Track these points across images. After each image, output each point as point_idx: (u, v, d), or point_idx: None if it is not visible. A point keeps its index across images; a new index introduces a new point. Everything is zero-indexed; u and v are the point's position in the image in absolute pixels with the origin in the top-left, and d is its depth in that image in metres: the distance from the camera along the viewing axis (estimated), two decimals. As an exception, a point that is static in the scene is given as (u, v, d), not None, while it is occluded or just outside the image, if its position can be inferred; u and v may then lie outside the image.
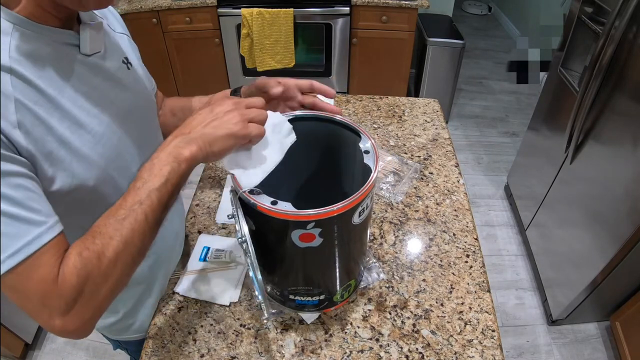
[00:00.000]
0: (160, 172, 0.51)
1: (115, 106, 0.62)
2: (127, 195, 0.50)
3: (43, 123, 0.50)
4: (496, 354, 0.72)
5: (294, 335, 0.75)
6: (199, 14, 2.38)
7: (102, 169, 0.58)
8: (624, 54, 1.31)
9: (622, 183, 1.34)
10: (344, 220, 0.58)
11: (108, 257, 0.47)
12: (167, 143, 0.53)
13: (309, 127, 0.70)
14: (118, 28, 0.71)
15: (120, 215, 0.49)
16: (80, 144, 0.55)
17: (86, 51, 0.57)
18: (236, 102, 0.57)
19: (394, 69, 2.60)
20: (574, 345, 1.72)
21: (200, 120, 0.55)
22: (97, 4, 0.52)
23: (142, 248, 0.51)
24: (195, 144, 0.52)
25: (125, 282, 0.52)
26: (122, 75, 0.65)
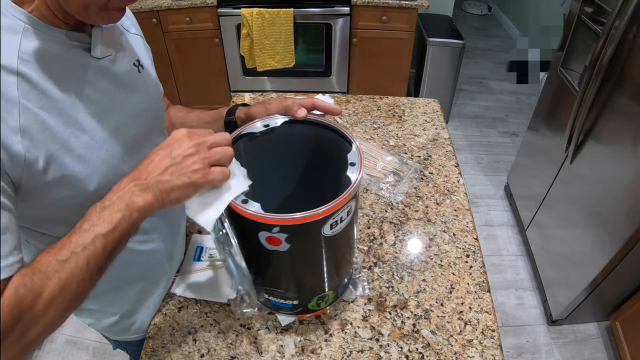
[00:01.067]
0: (109, 217, 0.48)
1: (123, 110, 0.61)
2: (72, 235, 0.48)
3: (48, 128, 0.49)
4: (496, 354, 0.72)
5: (294, 335, 0.75)
6: (199, 14, 2.38)
7: (103, 175, 0.58)
8: (624, 54, 1.31)
9: (622, 183, 1.34)
10: (312, 231, 0.57)
11: (43, 299, 0.44)
12: (122, 187, 0.50)
13: (304, 131, 0.69)
14: (132, 29, 0.69)
15: (62, 256, 0.46)
16: (83, 149, 0.54)
17: (97, 55, 0.56)
18: (198, 144, 0.52)
19: (394, 69, 2.60)
20: (574, 345, 1.72)
21: (157, 164, 0.51)
22: (106, 20, 0.52)
23: (80, 294, 0.48)
24: (151, 193, 0.50)
25: (57, 325, 0.48)
26: (132, 79, 0.64)
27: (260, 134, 0.67)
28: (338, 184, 0.66)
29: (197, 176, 0.51)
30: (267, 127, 0.67)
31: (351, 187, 0.56)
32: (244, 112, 0.76)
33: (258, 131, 0.66)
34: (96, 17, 0.50)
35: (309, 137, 0.70)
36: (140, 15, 2.33)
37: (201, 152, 0.52)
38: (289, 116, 0.68)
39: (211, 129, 0.82)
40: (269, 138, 0.68)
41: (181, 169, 0.51)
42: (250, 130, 0.66)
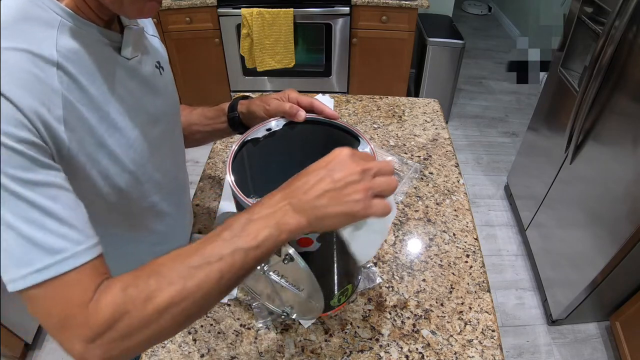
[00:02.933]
0: (255, 233, 0.43)
1: (147, 112, 0.62)
2: (208, 243, 0.43)
3: (85, 123, 0.49)
4: (496, 354, 0.72)
5: (294, 335, 0.75)
6: (199, 14, 2.39)
7: (132, 173, 0.58)
8: (624, 54, 1.32)
9: (622, 183, 1.34)
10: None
11: (157, 304, 0.41)
12: (274, 203, 0.45)
13: (307, 131, 0.70)
14: (150, 30, 0.70)
15: (192, 262, 0.42)
16: (115, 147, 0.54)
17: (127, 55, 0.57)
18: (363, 170, 0.45)
19: (394, 69, 2.60)
20: (574, 345, 1.72)
21: (314, 185, 0.45)
22: (140, 12, 0.51)
23: (203, 308, 0.44)
24: (305, 216, 0.44)
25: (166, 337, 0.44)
26: (155, 81, 0.64)
27: (263, 138, 0.67)
28: None
29: (357, 207, 0.44)
30: (269, 130, 0.67)
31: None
32: (246, 107, 0.76)
33: (262, 135, 0.66)
34: (130, 9, 0.50)
35: (314, 136, 0.70)
36: (140, 15, 2.33)
37: (365, 181, 0.45)
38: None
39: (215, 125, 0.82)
40: (272, 141, 0.68)
41: (341, 196, 0.44)
42: (254, 135, 0.66)
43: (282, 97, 0.69)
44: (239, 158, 0.63)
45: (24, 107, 0.41)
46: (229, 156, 0.61)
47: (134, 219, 0.66)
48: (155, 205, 0.69)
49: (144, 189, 0.63)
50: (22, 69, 0.43)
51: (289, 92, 0.69)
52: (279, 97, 0.69)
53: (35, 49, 0.44)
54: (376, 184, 0.46)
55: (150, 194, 0.66)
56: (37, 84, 0.44)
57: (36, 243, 0.40)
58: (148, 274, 0.42)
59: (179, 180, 0.78)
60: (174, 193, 0.75)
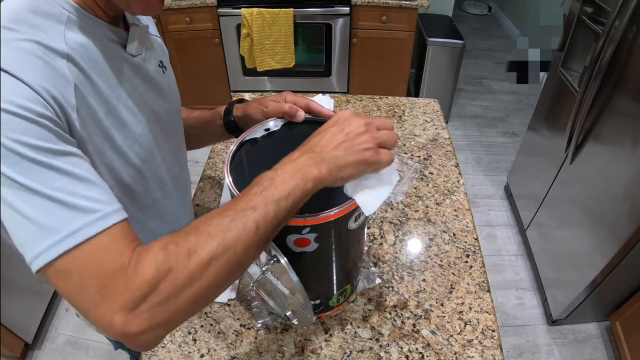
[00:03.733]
0: (283, 184, 0.45)
1: (151, 109, 0.62)
2: (239, 200, 0.45)
3: (94, 115, 0.50)
4: (496, 354, 0.72)
5: (294, 335, 0.75)
6: (199, 14, 2.38)
7: (136, 168, 0.59)
8: (624, 54, 1.31)
9: (622, 183, 1.34)
10: (340, 226, 0.57)
11: (200, 257, 0.40)
12: (293, 159, 0.49)
13: (306, 131, 0.69)
14: (152, 30, 0.70)
15: (227, 216, 0.43)
16: (121, 141, 0.55)
17: (132, 51, 0.57)
18: (367, 123, 0.51)
19: (394, 69, 2.60)
20: (574, 345, 1.72)
21: (329, 140, 0.50)
22: (145, 9, 0.52)
23: (243, 262, 0.44)
24: (325, 166, 0.48)
25: (212, 297, 0.44)
26: (159, 79, 0.65)
27: (262, 139, 0.67)
28: None
29: (369, 154, 0.50)
30: (267, 130, 0.67)
31: None
32: (242, 111, 0.76)
33: (260, 136, 0.66)
34: (136, 5, 0.51)
35: (309, 136, 0.70)
36: (140, 15, 2.33)
37: (371, 131, 0.51)
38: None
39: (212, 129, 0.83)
40: (271, 141, 0.68)
41: (354, 146, 0.49)
42: (252, 136, 0.66)
43: (279, 98, 0.70)
44: (237, 158, 0.63)
45: (40, 89, 0.42)
46: (227, 157, 0.61)
47: (137, 216, 0.66)
48: (157, 202, 0.69)
49: (148, 185, 0.64)
50: (35, 56, 0.43)
51: (285, 94, 0.70)
52: (276, 99, 0.70)
53: (45, 41, 0.45)
54: (380, 134, 0.52)
55: (153, 189, 0.66)
56: (50, 71, 0.44)
57: (67, 205, 0.39)
58: (186, 232, 0.42)
59: (181, 179, 0.78)
60: (176, 191, 0.75)
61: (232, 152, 0.62)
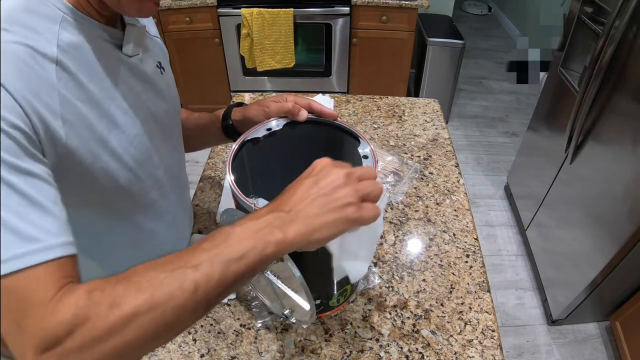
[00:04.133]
0: (238, 244, 0.40)
1: (148, 110, 0.62)
2: (185, 253, 0.40)
3: (84, 119, 0.50)
4: (496, 354, 0.72)
5: (294, 335, 0.75)
6: (199, 14, 2.38)
7: (132, 170, 0.59)
8: (624, 54, 1.31)
9: (622, 183, 1.34)
10: None
11: (122, 311, 0.36)
12: (259, 215, 0.43)
13: (307, 131, 0.70)
14: (152, 30, 0.70)
15: (164, 271, 0.38)
16: (115, 143, 0.55)
17: (128, 52, 0.57)
18: (347, 174, 0.45)
19: (394, 69, 2.60)
20: (574, 345, 1.72)
21: (302, 194, 0.43)
22: (138, 11, 0.52)
23: (174, 324, 0.39)
24: (294, 228, 0.41)
25: (137, 355, 0.39)
26: (156, 80, 0.65)
27: (263, 138, 0.67)
28: None
29: (350, 210, 0.42)
30: (269, 130, 0.67)
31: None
32: (241, 114, 0.76)
33: (262, 135, 0.66)
34: (129, 6, 0.50)
35: (313, 136, 0.70)
36: (140, 15, 2.33)
37: (352, 183, 0.44)
38: (289, 117, 0.68)
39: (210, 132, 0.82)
40: (272, 141, 0.68)
41: (332, 201, 0.42)
42: (254, 135, 0.66)
43: (280, 99, 0.69)
44: (238, 158, 0.63)
45: (19, 97, 0.41)
46: (228, 156, 0.61)
47: (134, 217, 0.66)
48: (155, 202, 0.69)
49: (145, 186, 0.63)
50: (22, 61, 0.43)
51: (286, 95, 0.70)
52: (277, 100, 0.70)
53: (35, 45, 0.45)
54: (363, 186, 0.45)
55: (150, 190, 0.66)
56: (35, 78, 0.44)
57: (11, 228, 0.37)
58: (117, 280, 0.38)
59: (179, 179, 0.78)
60: (174, 192, 0.75)
61: (234, 152, 0.62)
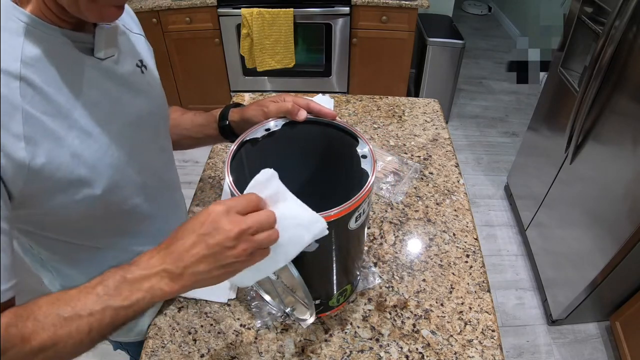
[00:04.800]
0: (128, 294, 0.45)
1: (127, 112, 0.61)
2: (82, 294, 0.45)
3: (52, 133, 0.49)
4: (496, 354, 0.72)
5: (294, 335, 0.75)
6: (199, 14, 2.38)
7: (109, 178, 0.57)
8: (624, 54, 1.31)
9: (622, 183, 1.34)
10: (340, 226, 0.57)
11: (31, 345, 0.43)
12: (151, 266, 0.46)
13: (306, 131, 0.69)
14: (135, 28, 0.68)
15: (64, 312, 0.44)
16: (88, 154, 0.53)
17: (100, 55, 0.55)
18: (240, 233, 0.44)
19: (394, 69, 2.60)
20: (574, 345, 1.72)
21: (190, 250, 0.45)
22: (99, 17, 0.50)
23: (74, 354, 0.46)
24: (180, 283, 0.46)
25: None
26: (135, 80, 0.63)
27: (262, 138, 0.67)
28: (349, 178, 0.67)
29: (235, 267, 0.46)
30: (268, 130, 0.67)
31: (371, 178, 0.58)
32: (239, 115, 0.75)
33: (260, 136, 0.66)
34: (88, 12, 0.48)
35: (312, 136, 0.70)
36: (140, 15, 2.32)
37: (242, 243, 0.45)
38: (288, 117, 0.68)
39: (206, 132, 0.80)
40: (271, 141, 0.68)
41: (219, 260, 0.45)
42: (252, 136, 0.66)
43: (278, 99, 0.69)
44: (237, 158, 0.63)
45: None
46: (227, 156, 0.61)
47: (116, 222, 0.65)
48: (138, 207, 0.67)
49: (124, 193, 0.62)
50: None
51: (284, 96, 0.69)
52: (275, 100, 0.69)
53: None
54: (255, 242, 0.46)
55: (131, 196, 0.64)
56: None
57: None
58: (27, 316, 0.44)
59: (166, 180, 0.76)
60: (162, 193, 0.73)
61: (233, 152, 0.62)
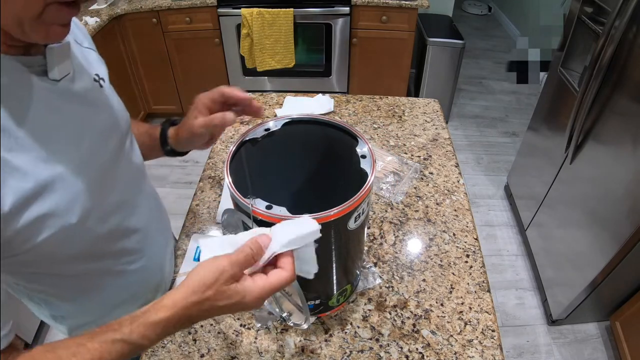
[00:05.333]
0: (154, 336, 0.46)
1: (92, 131, 0.58)
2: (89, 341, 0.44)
3: (17, 170, 0.46)
4: (496, 354, 0.72)
5: (294, 335, 0.75)
6: (199, 14, 2.39)
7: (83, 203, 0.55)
8: (624, 54, 1.31)
9: (622, 183, 1.34)
10: (339, 226, 0.57)
11: None
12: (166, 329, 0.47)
13: (305, 131, 0.69)
14: (85, 42, 0.64)
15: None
16: (58, 182, 0.51)
17: (55, 76, 0.51)
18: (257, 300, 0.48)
19: (394, 69, 2.60)
20: (574, 345, 1.72)
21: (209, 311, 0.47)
22: (46, 38, 0.46)
23: None
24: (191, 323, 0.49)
25: None
26: (95, 95, 0.60)
27: (262, 138, 0.67)
28: (348, 178, 0.67)
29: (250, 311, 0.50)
30: (267, 130, 0.67)
31: (370, 178, 0.57)
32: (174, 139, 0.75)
33: (260, 136, 0.66)
34: (35, 34, 0.44)
35: (312, 135, 0.70)
36: (140, 15, 2.33)
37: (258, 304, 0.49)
38: (287, 117, 0.68)
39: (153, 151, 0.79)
40: (271, 141, 0.68)
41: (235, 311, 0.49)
42: (252, 136, 0.66)
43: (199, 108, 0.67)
44: (237, 158, 0.63)
45: None
46: (227, 156, 0.61)
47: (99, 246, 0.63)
48: (120, 224, 0.66)
49: (101, 214, 0.60)
50: None
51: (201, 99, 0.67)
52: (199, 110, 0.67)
53: None
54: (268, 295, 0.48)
55: (108, 217, 0.62)
56: None
57: None
58: None
59: (142, 190, 0.75)
60: (138, 206, 0.72)
61: (232, 152, 0.62)
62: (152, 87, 2.71)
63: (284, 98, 1.36)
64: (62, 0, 0.43)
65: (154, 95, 2.76)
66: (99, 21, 2.12)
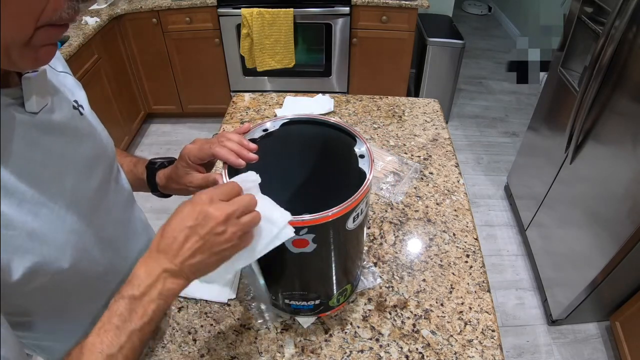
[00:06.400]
0: (144, 310, 0.45)
1: (76, 163, 0.55)
2: (103, 333, 0.44)
3: (2, 219, 0.43)
4: (496, 354, 0.72)
5: (294, 335, 0.75)
6: (199, 14, 2.39)
7: (74, 245, 0.53)
8: (624, 54, 1.31)
9: (622, 183, 1.33)
10: (338, 226, 0.57)
11: None
12: (152, 274, 0.46)
13: (304, 131, 0.69)
14: (59, 66, 0.60)
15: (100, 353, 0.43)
16: (45, 225, 0.48)
17: (33, 109, 0.47)
18: (227, 217, 0.47)
19: (394, 69, 2.60)
20: (574, 345, 1.71)
21: (183, 244, 0.46)
22: (35, 62, 0.43)
23: None
24: (184, 277, 0.48)
25: None
26: (76, 125, 0.56)
27: (260, 139, 0.67)
28: (347, 178, 0.67)
29: (228, 252, 0.48)
30: (266, 131, 0.67)
31: (368, 177, 0.57)
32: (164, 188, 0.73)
33: (258, 136, 0.66)
34: (23, 61, 0.41)
35: (311, 136, 0.70)
36: (140, 15, 2.33)
37: (231, 226, 0.47)
38: (285, 118, 0.68)
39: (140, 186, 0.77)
40: (269, 141, 0.68)
41: (212, 247, 0.47)
42: (250, 136, 0.66)
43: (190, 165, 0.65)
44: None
45: None
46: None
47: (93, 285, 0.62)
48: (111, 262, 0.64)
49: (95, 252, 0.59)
50: None
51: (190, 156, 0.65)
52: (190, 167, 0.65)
53: None
54: (242, 225, 0.48)
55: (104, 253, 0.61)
56: None
57: None
58: None
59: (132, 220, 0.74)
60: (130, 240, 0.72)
61: None
62: (152, 87, 2.71)
63: (283, 98, 1.36)
64: (55, 23, 0.40)
65: (154, 95, 2.77)
66: (99, 21, 2.12)
